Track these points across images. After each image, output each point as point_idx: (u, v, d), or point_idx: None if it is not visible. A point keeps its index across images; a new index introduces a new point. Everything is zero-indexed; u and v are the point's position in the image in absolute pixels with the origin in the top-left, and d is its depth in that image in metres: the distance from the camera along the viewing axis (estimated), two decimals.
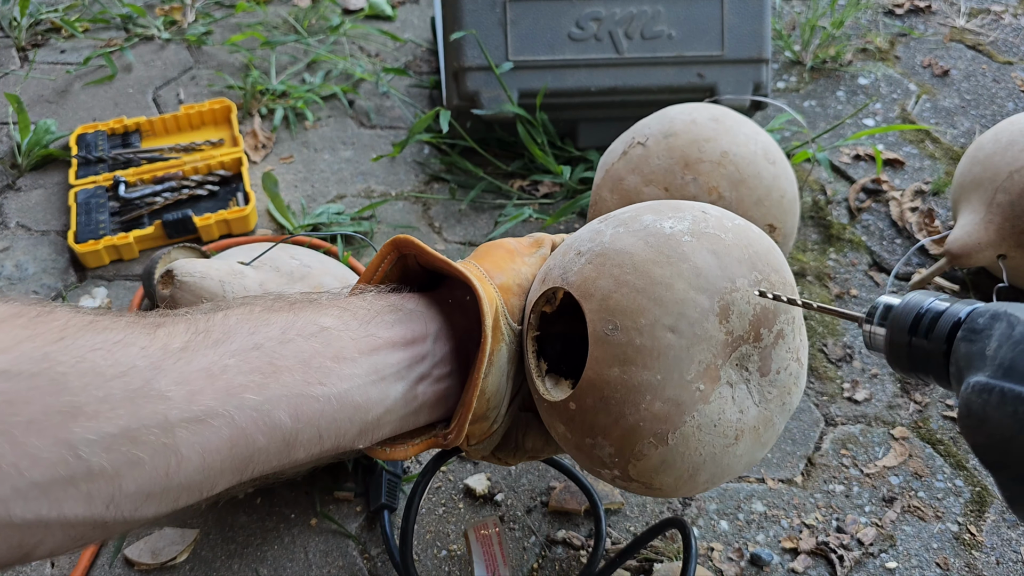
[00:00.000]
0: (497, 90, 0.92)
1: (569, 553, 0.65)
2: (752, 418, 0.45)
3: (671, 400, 0.42)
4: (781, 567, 0.64)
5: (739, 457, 0.46)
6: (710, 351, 0.43)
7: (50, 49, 1.20)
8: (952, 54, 1.19)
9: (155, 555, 0.63)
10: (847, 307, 0.84)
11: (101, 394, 0.31)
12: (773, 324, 0.45)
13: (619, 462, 0.44)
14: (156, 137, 1.03)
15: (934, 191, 0.97)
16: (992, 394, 0.30)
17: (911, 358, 0.36)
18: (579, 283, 0.44)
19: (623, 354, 0.42)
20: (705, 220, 0.45)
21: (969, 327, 0.33)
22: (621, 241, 0.45)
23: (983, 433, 0.30)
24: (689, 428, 0.43)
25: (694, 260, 0.43)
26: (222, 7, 1.28)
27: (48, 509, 0.30)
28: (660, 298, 0.42)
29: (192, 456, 0.34)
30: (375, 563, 0.64)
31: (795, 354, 0.47)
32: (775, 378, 0.46)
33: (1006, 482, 0.30)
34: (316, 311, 0.41)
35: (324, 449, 0.40)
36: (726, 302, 0.43)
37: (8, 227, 0.93)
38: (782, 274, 0.46)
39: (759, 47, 0.94)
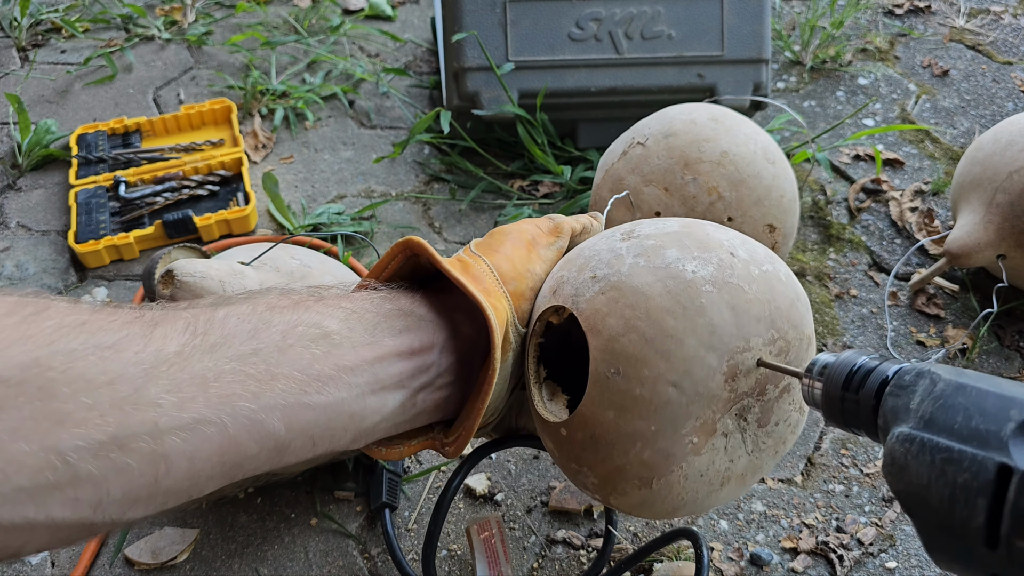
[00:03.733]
0: (497, 90, 0.92)
1: (569, 553, 0.65)
2: (742, 466, 0.45)
3: (662, 451, 0.42)
4: (781, 567, 0.64)
5: (720, 499, 0.46)
6: (710, 408, 0.42)
7: (50, 49, 1.20)
8: (952, 54, 1.19)
9: (155, 555, 0.63)
10: (847, 307, 0.84)
11: (90, 401, 0.31)
12: (780, 379, 0.44)
13: (601, 492, 0.45)
14: (156, 137, 1.03)
15: (934, 191, 0.97)
16: (913, 444, 0.32)
17: (844, 412, 0.38)
18: (589, 314, 0.43)
19: (621, 401, 0.42)
20: (731, 267, 0.43)
21: (896, 383, 0.35)
22: (639, 278, 0.43)
23: (904, 480, 0.32)
24: (675, 477, 0.43)
25: (710, 316, 0.41)
26: (222, 7, 1.28)
27: (35, 512, 0.30)
28: (668, 352, 0.41)
29: (181, 463, 0.34)
30: (375, 563, 0.64)
31: (797, 404, 0.46)
32: (772, 429, 0.45)
33: (924, 528, 0.32)
34: (320, 312, 0.40)
35: (316, 454, 0.40)
36: (735, 362, 0.42)
37: (9, 227, 0.93)
38: (800, 328, 0.44)
39: (759, 47, 0.94)
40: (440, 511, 0.57)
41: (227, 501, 0.67)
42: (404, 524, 0.66)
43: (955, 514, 0.30)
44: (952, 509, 0.30)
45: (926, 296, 0.85)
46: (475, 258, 0.47)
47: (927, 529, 0.31)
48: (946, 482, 0.30)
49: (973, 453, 0.29)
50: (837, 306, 0.84)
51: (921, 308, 0.84)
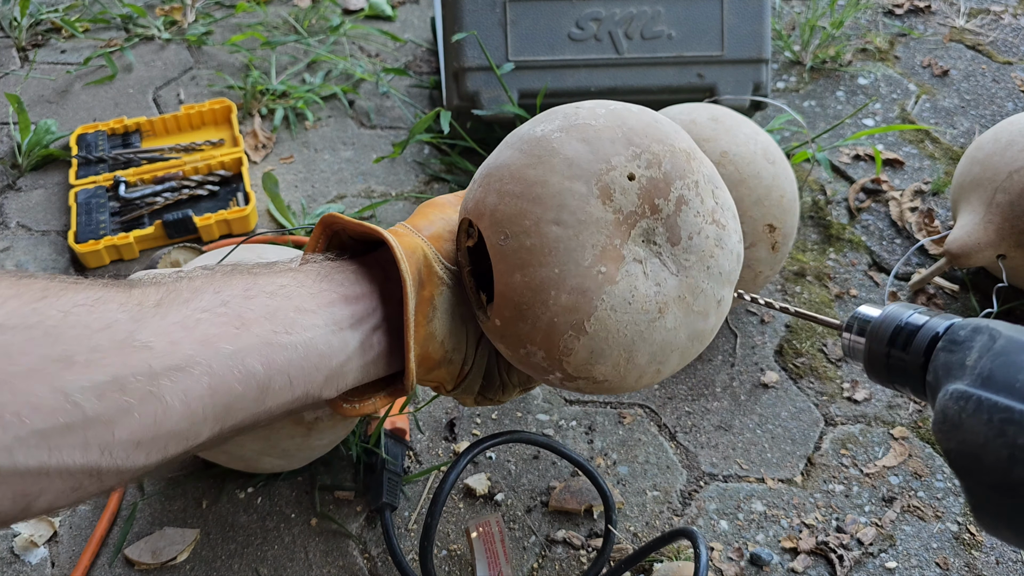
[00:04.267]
0: (497, 90, 0.92)
1: (569, 553, 0.65)
2: (672, 288, 0.45)
3: (575, 289, 0.43)
4: (781, 567, 0.64)
5: (672, 330, 0.45)
6: (602, 233, 0.43)
7: (50, 49, 1.20)
8: (952, 54, 1.19)
9: (155, 555, 0.63)
10: (847, 307, 0.84)
11: (91, 344, 0.33)
12: (668, 193, 0.45)
13: (554, 363, 0.45)
14: (156, 137, 1.03)
15: (934, 191, 0.97)
16: (969, 402, 0.30)
17: (889, 369, 0.37)
18: (473, 207, 0.46)
19: (518, 259, 0.44)
20: (576, 114, 0.46)
21: (950, 338, 0.34)
22: (501, 156, 0.47)
23: (956, 439, 0.31)
24: (603, 311, 0.43)
25: (564, 152, 0.44)
26: (222, 7, 1.28)
27: (49, 456, 0.31)
28: (537, 197, 0.43)
29: (176, 404, 0.35)
30: (375, 563, 0.64)
31: (709, 217, 0.46)
32: (689, 244, 0.45)
33: (973, 488, 0.31)
34: (273, 274, 0.43)
35: (295, 397, 0.42)
36: (604, 183, 0.43)
37: (8, 227, 0.93)
38: (667, 142, 0.45)
39: (759, 47, 0.94)
40: (437, 503, 0.57)
41: (227, 501, 0.67)
42: (404, 524, 0.66)
43: (1014, 476, 0.29)
44: (1011, 471, 0.29)
45: (926, 296, 0.85)
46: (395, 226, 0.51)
47: (979, 490, 0.30)
48: (1005, 442, 0.29)
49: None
50: (837, 306, 0.84)
51: None
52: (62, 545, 0.65)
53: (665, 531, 0.64)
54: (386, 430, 0.69)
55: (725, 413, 0.75)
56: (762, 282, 0.74)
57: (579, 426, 0.73)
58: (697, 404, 0.75)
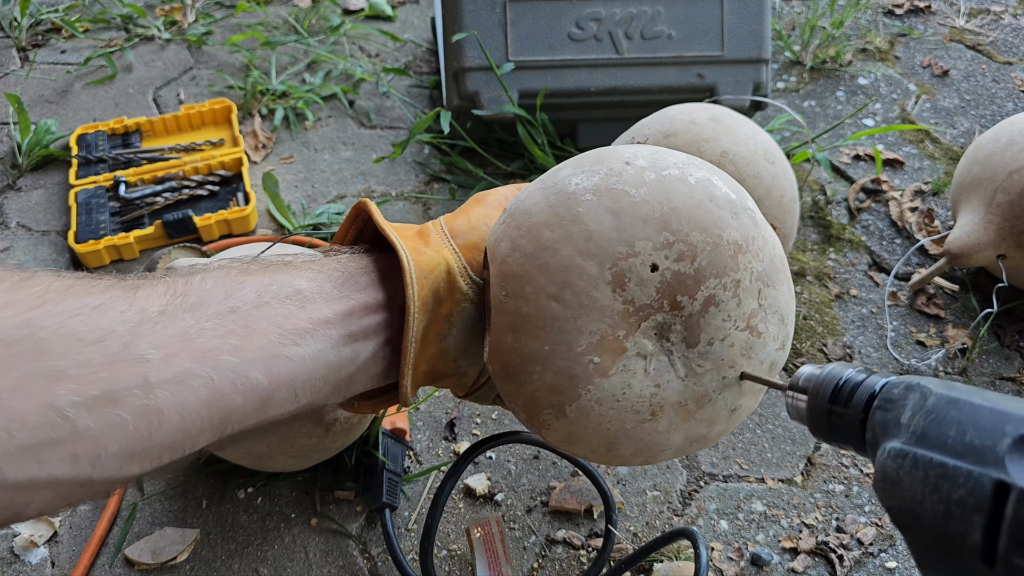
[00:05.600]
0: (497, 90, 0.92)
1: (569, 553, 0.65)
2: (674, 393, 0.42)
3: (562, 372, 0.40)
4: (781, 567, 0.64)
5: (664, 433, 0.42)
6: (604, 321, 0.40)
7: (50, 49, 1.20)
8: (952, 54, 1.19)
9: (155, 555, 0.63)
10: (847, 307, 0.84)
11: (82, 358, 0.32)
12: (696, 291, 0.40)
13: (535, 428, 0.44)
14: (156, 137, 1.03)
15: (934, 191, 0.97)
16: (906, 459, 0.31)
17: (831, 426, 0.37)
18: (491, 245, 0.44)
19: (514, 322, 0.41)
20: (619, 174, 0.41)
21: (885, 396, 0.34)
22: (529, 200, 0.43)
23: (896, 496, 0.31)
24: (586, 401, 0.41)
25: (586, 222, 0.40)
26: (222, 7, 1.28)
27: (38, 470, 0.31)
28: (545, 265, 0.40)
29: (172, 416, 0.35)
30: (375, 563, 0.64)
31: (743, 322, 0.42)
32: (707, 350, 0.41)
33: (914, 544, 0.31)
34: (290, 273, 0.42)
35: (300, 407, 0.41)
36: (619, 269, 0.39)
37: (8, 227, 0.93)
38: (711, 232, 0.40)
39: (759, 47, 0.94)
40: (437, 505, 0.58)
41: (227, 501, 0.67)
42: (404, 524, 0.66)
43: (950, 531, 0.29)
44: (947, 526, 0.29)
45: (926, 296, 0.85)
46: (433, 222, 0.49)
47: (920, 546, 0.31)
48: (940, 498, 0.29)
49: (968, 469, 0.29)
50: (837, 306, 0.84)
51: (921, 308, 0.84)
52: (62, 545, 0.65)
53: (665, 531, 0.64)
54: (386, 430, 0.69)
55: None
56: None
57: None
58: None
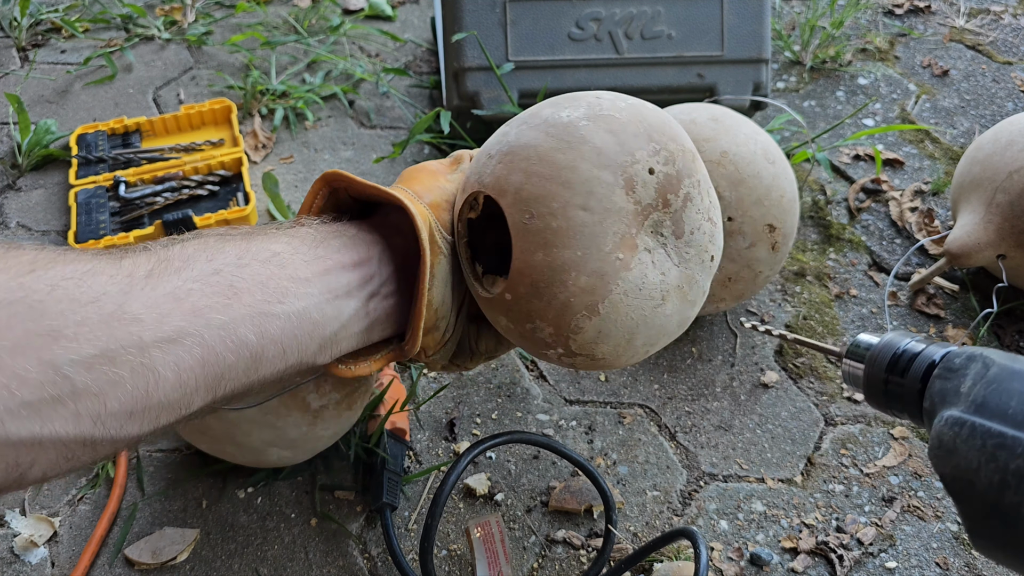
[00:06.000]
0: (497, 90, 0.92)
1: (569, 553, 0.65)
2: (675, 278, 0.48)
3: (595, 272, 0.45)
4: (781, 567, 0.64)
5: (669, 316, 0.49)
6: (622, 222, 0.46)
7: (50, 49, 1.20)
8: (952, 54, 1.19)
9: (155, 555, 0.63)
10: (847, 307, 0.84)
11: (78, 318, 0.33)
12: (679, 189, 0.48)
13: (559, 340, 0.47)
14: (156, 137, 1.03)
15: (934, 191, 0.97)
16: (964, 428, 0.31)
17: (887, 395, 0.38)
18: (492, 183, 0.47)
19: (543, 239, 0.45)
20: (599, 104, 0.48)
21: (946, 366, 0.34)
22: (525, 136, 0.48)
23: (951, 464, 0.31)
24: (616, 295, 0.46)
25: (593, 141, 0.46)
26: (222, 7, 1.28)
27: (40, 427, 0.32)
28: (568, 181, 0.45)
29: (168, 374, 0.36)
30: (375, 563, 0.64)
31: (706, 215, 0.50)
32: (690, 239, 0.49)
33: (968, 512, 0.31)
34: (267, 239, 0.43)
35: (289, 365, 0.42)
36: (629, 175, 0.46)
37: (8, 227, 0.93)
38: (679, 142, 0.49)
39: (759, 47, 0.94)
40: (437, 504, 0.58)
41: (227, 501, 0.67)
42: (404, 524, 0.66)
43: (1005, 500, 0.29)
44: (1002, 495, 0.29)
45: (926, 296, 0.85)
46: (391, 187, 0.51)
47: (973, 515, 0.31)
48: (997, 467, 0.29)
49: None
50: (837, 306, 0.84)
51: (921, 308, 0.84)
52: (62, 545, 0.65)
53: (665, 531, 0.64)
54: (386, 430, 0.69)
55: (725, 413, 0.75)
56: (762, 282, 0.74)
57: (579, 426, 0.73)
58: (697, 404, 0.75)
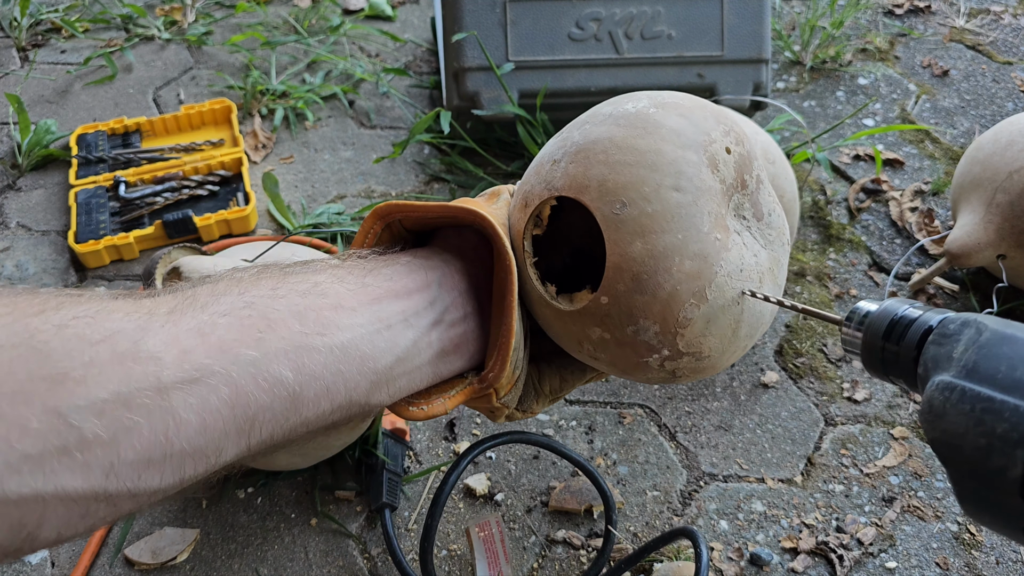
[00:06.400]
0: (497, 90, 0.92)
1: (569, 553, 0.65)
2: (766, 260, 0.46)
3: (698, 255, 0.43)
4: (781, 567, 0.64)
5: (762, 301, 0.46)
6: (713, 201, 0.44)
7: (50, 49, 1.20)
8: (952, 54, 1.19)
9: (155, 555, 0.63)
10: (847, 307, 0.84)
11: (87, 359, 0.30)
12: (752, 170, 0.46)
13: (667, 338, 0.44)
14: (156, 137, 1.03)
15: (934, 191, 0.97)
16: (953, 392, 0.31)
17: (884, 361, 0.37)
18: (568, 183, 0.45)
19: (640, 225, 0.42)
20: (660, 96, 0.47)
21: (940, 331, 0.34)
22: (594, 133, 0.45)
23: (939, 428, 0.31)
24: (721, 278, 0.43)
25: (670, 124, 0.44)
26: (222, 7, 1.28)
27: (44, 482, 0.29)
28: (655, 164, 0.43)
29: (191, 417, 0.32)
30: (375, 563, 0.64)
31: (775, 197, 0.49)
32: (770, 220, 0.47)
33: (956, 476, 0.31)
34: (308, 271, 0.39)
35: (336, 405, 0.38)
36: (711, 153, 0.44)
37: (8, 227, 0.93)
38: (741, 126, 0.48)
39: (759, 47, 0.94)
40: (437, 503, 0.58)
41: (227, 501, 0.67)
42: (404, 524, 0.66)
43: (991, 464, 0.29)
44: (988, 459, 0.29)
45: (926, 296, 0.85)
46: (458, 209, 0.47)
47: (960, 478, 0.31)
48: (984, 431, 0.30)
49: (1015, 403, 0.29)
50: (837, 306, 0.84)
51: None
52: (62, 545, 0.65)
53: (665, 531, 0.64)
54: (386, 430, 0.69)
55: (725, 413, 0.75)
56: None
57: (579, 426, 0.73)
58: (697, 404, 0.75)
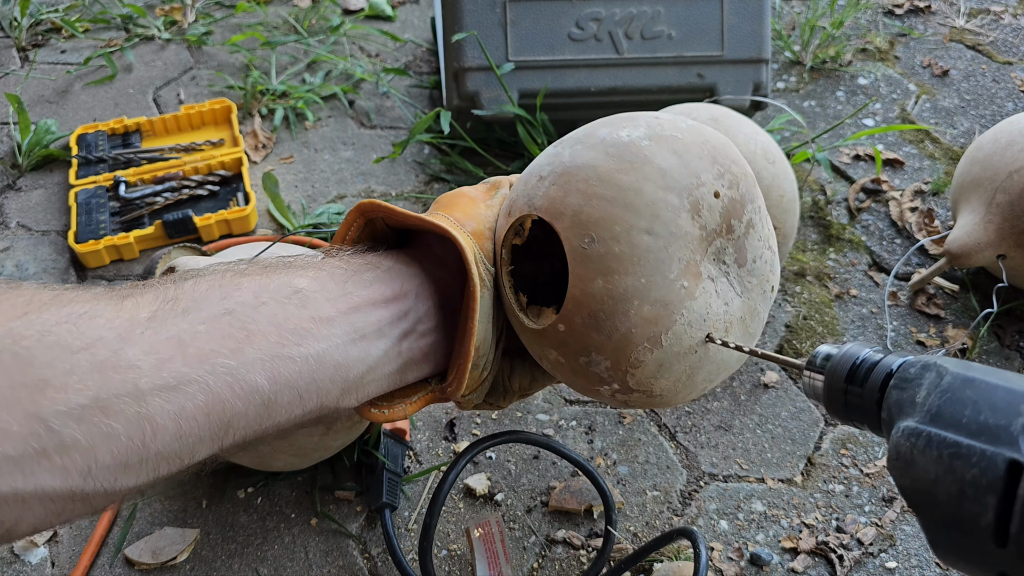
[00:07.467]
0: (497, 90, 0.92)
1: (569, 553, 0.65)
2: (737, 309, 0.45)
3: (659, 301, 0.42)
4: (781, 567, 0.64)
5: (730, 351, 0.46)
6: (687, 247, 0.43)
7: (50, 49, 1.20)
8: (952, 54, 1.19)
9: (155, 555, 0.63)
10: (847, 307, 0.84)
11: (67, 366, 0.31)
12: (742, 215, 0.45)
13: (616, 375, 0.44)
14: (156, 137, 1.03)
15: (934, 191, 0.97)
16: (920, 438, 0.31)
17: (847, 405, 0.37)
18: (547, 206, 0.44)
19: (604, 265, 0.42)
20: (660, 124, 0.46)
21: (901, 376, 0.34)
22: (582, 157, 0.45)
23: (910, 476, 0.31)
24: (680, 326, 0.43)
25: (657, 162, 0.43)
26: (222, 7, 1.28)
27: (23, 482, 0.30)
28: (631, 203, 0.42)
29: (167, 424, 0.33)
30: (375, 563, 0.64)
31: (766, 242, 0.48)
32: (752, 267, 0.46)
33: (928, 524, 0.31)
34: (290, 273, 0.40)
35: (307, 411, 0.39)
36: (695, 198, 0.43)
37: (9, 227, 0.93)
38: (741, 166, 0.46)
39: (759, 47, 0.94)
40: (437, 503, 0.58)
41: (227, 501, 0.67)
42: (404, 524, 0.66)
43: (963, 511, 0.29)
44: (960, 505, 0.29)
45: (926, 296, 0.85)
46: (431, 214, 0.48)
47: (933, 526, 0.31)
48: (954, 478, 0.29)
49: (982, 448, 0.29)
50: (837, 306, 0.84)
51: (921, 308, 0.84)
52: (62, 545, 0.65)
53: (665, 531, 0.64)
54: (386, 430, 0.69)
55: (725, 413, 0.75)
56: None
57: (579, 426, 0.73)
58: (697, 404, 0.75)
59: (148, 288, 0.36)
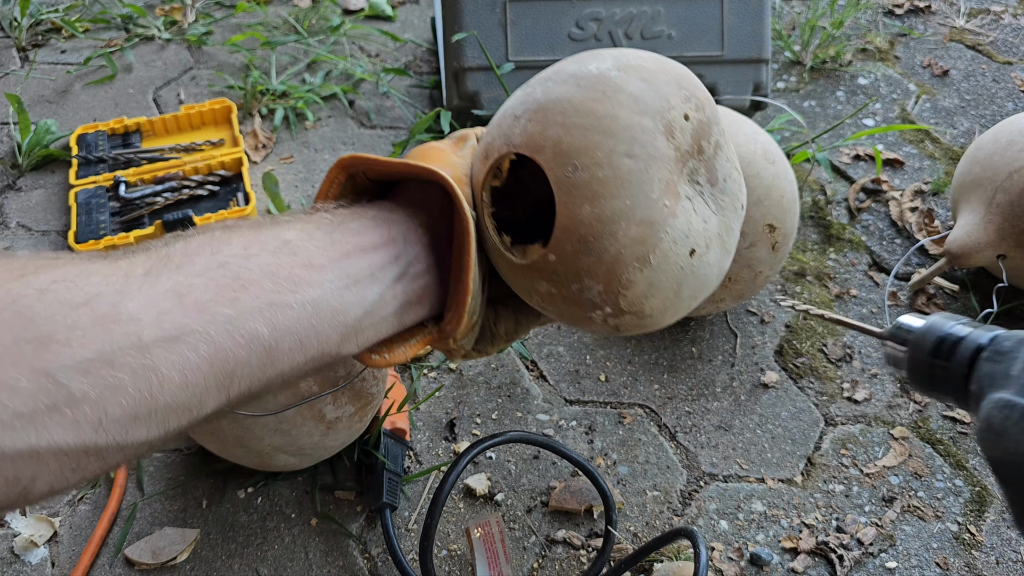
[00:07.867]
0: (497, 90, 0.92)
1: (569, 553, 0.65)
2: (715, 226, 0.47)
3: (644, 221, 0.44)
4: (781, 567, 0.64)
5: (711, 266, 0.48)
6: (665, 168, 0.44)
7: (50, 49, 1.20)
8: (952, 54, 1.19)
9: (155, 555, 0.64)
10: (847, 307, 0.84)
11: (70, 321, 0.31)
12: (710, 136, 0.47)
13: (609, 297, 0.45)
14: (156, 137, 1.03)
15: (934, 191, 0.97)
16: (1014, 410, 0.31)
17: (932, 378, 0.37)
18: (526, 141, 0.45)
19: (589, 190, 0.44)
20: (624, 56, 0.47)
21: (995, 349, 0.34)
22: (555, 92, 0.46)
23: (1000, 447, 0.31)
24: (666, 244, 0.45)
25: (629, 89, 0.45)
26: (222, 7, 1.28)
27: (37, 438, 0.30)
28: (609, 129, 0.44)
29: (173, 374, 0.34)
30: (375, 563, 0.64)
31: (733, 163, 0.49)
32: (724, 186, 0.48)
33: (1016, 497, 0.31)
34: (278, 228, 0.41)
35: (309, 357, 0.40)
36: (667, 120, 0.45)
37: (9, 227, 0.93)
38: (703, 91, 0.48)
39: (759, 47, 0.94)
40: (437, 503, 0.58)
41: (227, 501, 0.67)
42: (404, 524, 0.66)
43: None
44: None
45: (926, 296, 0.85)
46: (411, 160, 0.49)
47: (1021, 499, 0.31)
48: None
49: None
50: (837, 306, 0.84)
51: (921, 308, 0.84)
52: (62, 545, 0.65)
53: (665, 531, 0.64)
54: (386, 430, 0.69)
55: (725, 413, 0.75)
56: (762, 282, 0.74)
57: (579, 426, 0.73)
58: (697, 404, 0.75)
59: (140, 250, 0.37)
